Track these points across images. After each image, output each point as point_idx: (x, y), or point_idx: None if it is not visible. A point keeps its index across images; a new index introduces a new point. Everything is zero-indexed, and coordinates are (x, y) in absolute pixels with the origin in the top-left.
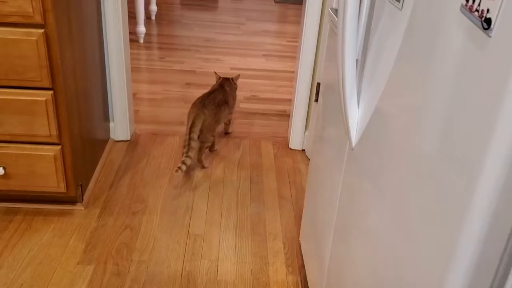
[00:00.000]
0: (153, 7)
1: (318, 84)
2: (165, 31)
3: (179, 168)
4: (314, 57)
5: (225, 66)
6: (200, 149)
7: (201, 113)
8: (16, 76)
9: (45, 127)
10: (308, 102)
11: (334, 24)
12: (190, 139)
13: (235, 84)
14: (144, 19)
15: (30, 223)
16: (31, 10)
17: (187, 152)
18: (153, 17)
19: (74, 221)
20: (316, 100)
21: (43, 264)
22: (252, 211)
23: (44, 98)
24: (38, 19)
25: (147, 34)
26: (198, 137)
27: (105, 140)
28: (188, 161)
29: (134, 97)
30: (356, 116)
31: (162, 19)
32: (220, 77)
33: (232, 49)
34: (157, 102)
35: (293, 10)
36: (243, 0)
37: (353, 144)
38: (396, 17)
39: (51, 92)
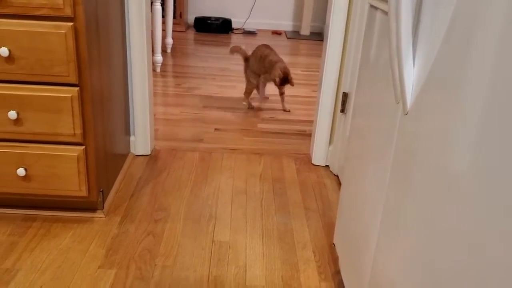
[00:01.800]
0: (169, 40)
1: (344, 94)
2: (180, 62)
3: None
4: (339, 66)
5: (241, 92)
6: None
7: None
8: (42, 71)
9: (69, 125)
10: (332, 114)
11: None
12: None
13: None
14: (160, 52)
15: (48, 229)
16: (61, 2)
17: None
18: (169, 50)
19: (94, 227)
20: (342, 110)
21: (62, 268)
22: (278, 220)
23: (70, 95)
24: (68, 11)
25: (163, 64)
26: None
27: (125, 154)
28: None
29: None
30: (411, 75)
31: (177, 52)
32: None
33: None
34: (175, 122)
35: (305, 45)
36: (255, 36)
37: (408, 107)
38: None
39: (77, 88)
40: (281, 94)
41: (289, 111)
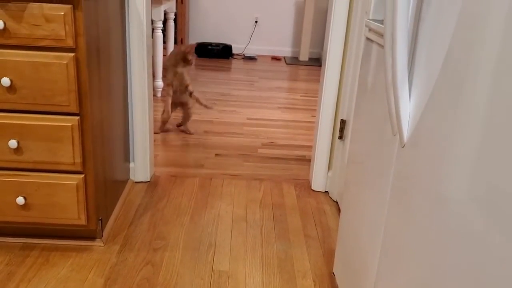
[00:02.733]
0: None
1: (342, 121)
2: None
3: None
4: (337, 93)
5: (242, 117)
6: None
7: None
8: (43, 101)
9: (69, 154)
10: (331, 141)
11: (369, 30)
12: None
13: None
14: (161, 77)
15: (47, 258)
16: (63, 33)
17: None
18: None
19: (92, 256)
20: (340, 137)
21: None
22: (278, 248)
23: (70, 124)
24: (69, 42)
25: (164, 89)
26: None
27: (124, 181)
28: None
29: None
30: (407, 109)
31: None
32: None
33: (248, 102)
34: (175, 148)
35: (304, 70)
36: (255, 62)
37: (405, 139)
38: None
39: (77, 117)
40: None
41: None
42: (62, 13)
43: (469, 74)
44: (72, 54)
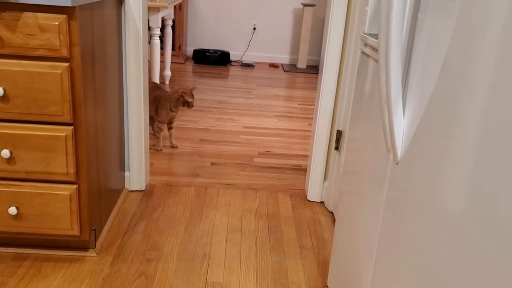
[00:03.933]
0: (168, 72)
1: (338, 132)
2: None
3: None
4: (333, 103)
5: (239, 125)
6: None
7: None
8: (37, 110)
9: (62, 164)
10: (327, 151)
11: (365, 45)
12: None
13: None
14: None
15: (39, 268)
16: (58, 43)
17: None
18: (167, 82)
19: (85, 267)
20: (336, 148)
21: None
22: (273, 260)
23: (64, 134)
24: (64, 52)
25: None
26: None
27: (119, 189)
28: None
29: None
30: (401, 126)
31: (175, 84)
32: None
33: (245, 110)
34: (171, 156)
35: (302, 78)
36: (253, 69)
37: (399, 156)
38: (448, 8)
39: (71, 127)
40: (170, 129)
41: (177, 147)
42: (57, 23)
43: (464, 90)
44: (67, 64)
